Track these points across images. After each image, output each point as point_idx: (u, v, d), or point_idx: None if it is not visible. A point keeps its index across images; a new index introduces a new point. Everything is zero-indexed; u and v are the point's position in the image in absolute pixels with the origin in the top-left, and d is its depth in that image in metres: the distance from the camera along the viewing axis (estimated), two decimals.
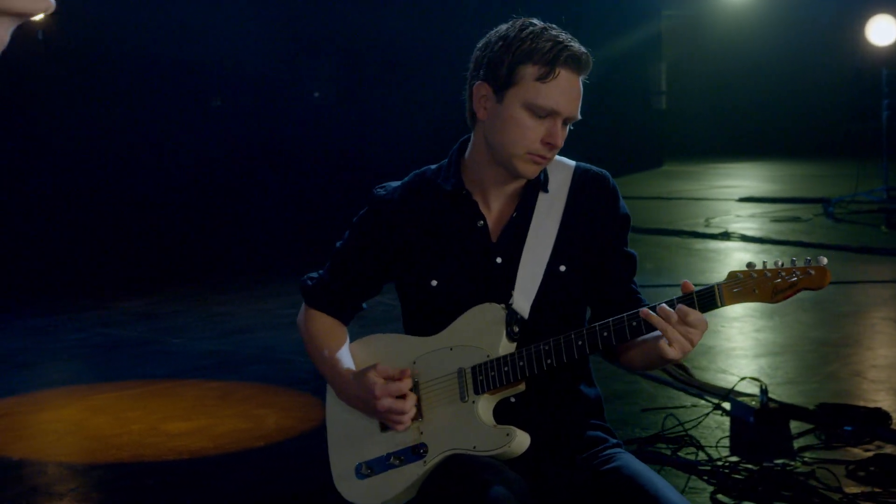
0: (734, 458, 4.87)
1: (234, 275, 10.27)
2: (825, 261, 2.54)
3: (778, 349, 6.93)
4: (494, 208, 2.87)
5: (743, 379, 5.54)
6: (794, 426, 5.17)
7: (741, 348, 6.96)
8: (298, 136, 13.01)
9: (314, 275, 3.03)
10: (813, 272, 2.52)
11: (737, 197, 15.12)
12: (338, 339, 2.94)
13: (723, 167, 20.40)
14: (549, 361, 2.66)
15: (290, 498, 4.70)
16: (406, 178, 2.97)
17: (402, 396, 2.75)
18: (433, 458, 2.73)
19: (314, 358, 2.96)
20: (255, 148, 12.81)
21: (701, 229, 11.99)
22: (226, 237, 11.70)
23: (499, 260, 2.82)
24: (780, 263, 2.56)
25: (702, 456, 4.92)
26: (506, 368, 2.69)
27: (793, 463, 4.84)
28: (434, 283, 2.83)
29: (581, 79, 2.77)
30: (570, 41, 2.75)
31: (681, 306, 2.55)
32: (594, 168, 2.92)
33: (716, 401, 5.63)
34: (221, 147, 12.52)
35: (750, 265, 2.59)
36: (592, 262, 2.84)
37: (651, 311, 2.56)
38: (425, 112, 14.18)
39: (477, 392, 2.71)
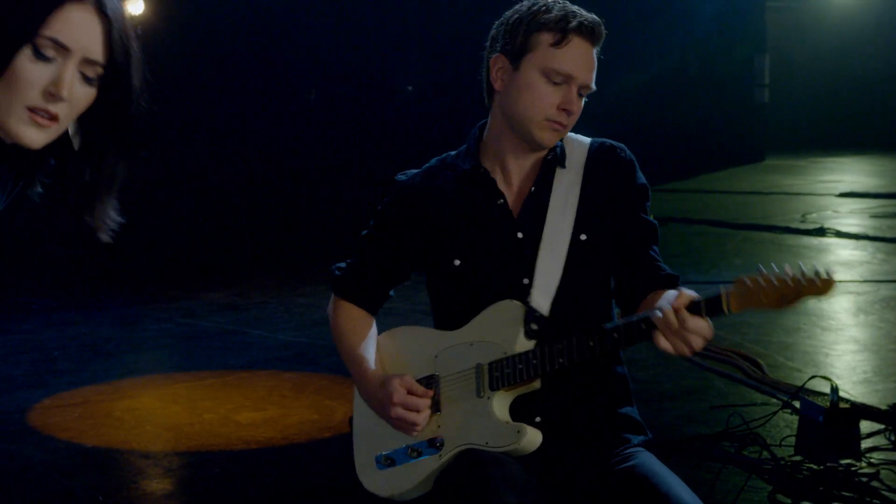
0: (797, 458, 4.81)
1: (321, 266, 10.36)
2: (833, 270, 2.52)
3: (858, 347, 6.81)
4: (514, 185, 2.91)
5: (813, 377, 5.45)
6: (866, 427, 5.09)
7: (822, 345, 6.85)
8: (391, 128, 13.09)
9: (342, 265, 3.08)
10: (818, 282, 2.50)
11: (837, 192, 14.85)
12: (365, 333, 2.99)
13: (826, 161, 20.05)
14: (561, 361, 2.67)
15: (350, 488, 4.74)
16: (427, 164, 3.03)
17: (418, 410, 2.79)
18: (448, 452, 2.76)
19: (341, 350, 3.01)
20: (348, 140, 12.92)
21: (796, 225, 11.81)
22: (314, 228, 11.82)
23: (520, 235, 2.85)
24: (788, 271, 2.54)
25: (766, 454, 4.86)
26: (520, 366, 2.71)
27: (858, 464, 4.75)
28: (457, 262, 2.88)
29: (595, 51, 2.86)
30: (581, 12, 2.84)
31: (681, 314, 2.54)
32: (609, 140, 2.98)
33: (785, 398, 5.55)
34: (313, 139, 12.65)
35: (759, 271, 2.57)
36: (613, 231, 2.86)
37: (658, 314, 2.56)
38: None
39: (492, 388, 2.74)
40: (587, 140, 2.99)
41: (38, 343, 7.40)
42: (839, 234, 11.10)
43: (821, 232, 11.21)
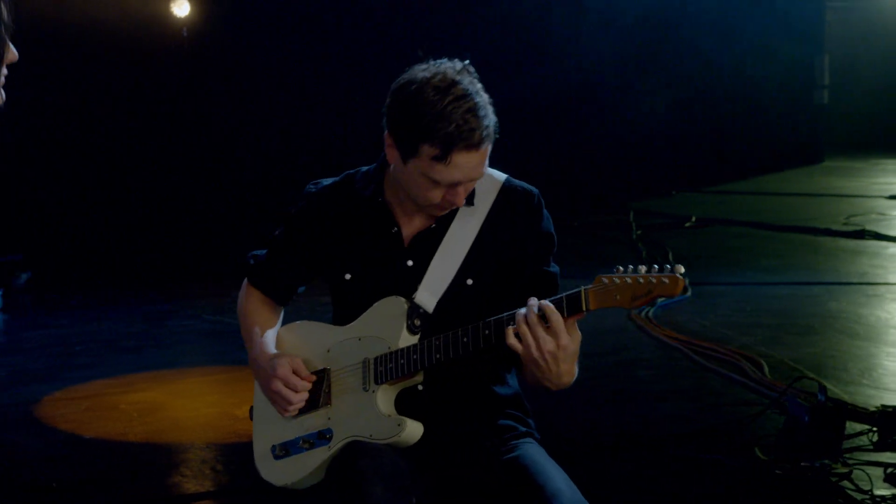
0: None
1: None
2: (682, 269, 2.57)
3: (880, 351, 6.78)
4: (413, 216, 2.96)
5: (800, 378, 5.45)
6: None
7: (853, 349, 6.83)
8: None
9: (259, 253, 3.20)
10: (667, 280, 2.56)
11: (888, 194, 14.66)
12: (268, 317, 3.12)
13: (887, 163, 19.77)
14: (438, 356, 2.74)
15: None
16: (338, 177, 3.12)
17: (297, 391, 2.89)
18: (337, 444, 2.86)
19: (244, 331, 3.14)
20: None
21: (837, 227, 11.70)
22: None
23: (410, 263, 2.93)
24: (641, 269, 2.59)
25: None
26: (402, 360, 2.79)
27: (835, 465, 4.75)
28: (348, 276, 2.98)
29: (485, 149, 2.81)
30: (469, 119, 2.76)
31: (543, 304, 2.59)
32: (523, 184, 2.99)
33: (770, 399, 5.55)
34: (356, 143, 12.76)
35: (616, 270, 2.62)
36: (505, 278, 2.90)
37: (521, 310, 2.61)
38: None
39: (377, 382, 2.83)
40: (501, 178, 2.99)
41: (63, 338, 7.59)
42: (878, 237, 10.98)
43: (860, 234, 11.10)
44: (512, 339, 2.64)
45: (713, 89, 17.51)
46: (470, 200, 2.92)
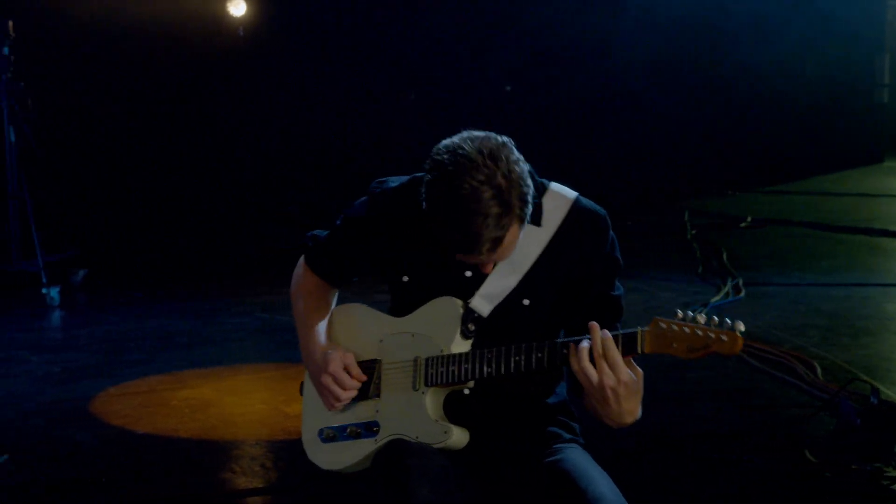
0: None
1: None
2: (742, 327, 2.53)
3: None
4: None
5: (853, 381, 5.40)
6: None
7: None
8: (487, 126, 13.14)
9: (319, 234, 3.19)
10: (725, 338, 2.52)
11: None
12: (322, 301, 3.14)
13: None
14: (488, 370, 2.74)
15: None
16: (404, 180, 3.07)
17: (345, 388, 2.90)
18: (383, 438, 2.87)
19: (295, 312, 3.15)
20: (441, 138, 13.01)
21: (894, 227, 11.56)
22: None
23: (468, 274, 2.91)
24: (700, 319, 2.55)
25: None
26: (453, 367, 2.80)
27: (887, 468, 4.70)
28: (405, 279, 2.98)
29: (502, 245, 2.74)
30: (472, 234, 2.69)
31: (603, 337, 2.58)
32: (592, 205, 2.95)
33: (822, 401, 5.50)
34: (411, 137, 12.78)
35: (675, 314, 2.58)
36: (566, 300, 2.87)
37: (585, 342, 2.60)
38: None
39: (427, 384, 2.83)
40: (571, 196, 2.94)
41: (119, 334, 7.67)
42: None
43: None
44: (576, 369, 2.63)
45: (772, 89, 17.38)
46: (537, 220, 2.88)
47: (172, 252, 10.51)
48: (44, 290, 8.63)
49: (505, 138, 2.75)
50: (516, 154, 2.72)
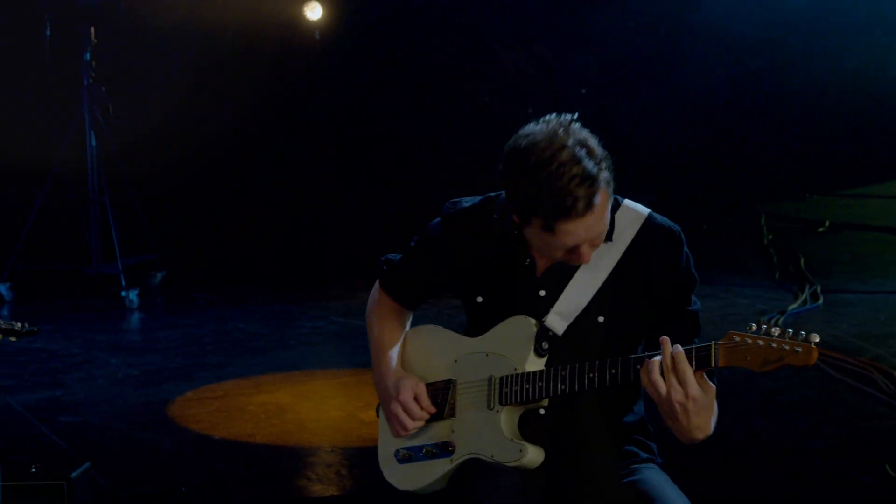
0: None
1: None
2: (816, 338, 2.52)
3: None
4: None
5: None
6: None
7: None
8: None
9: (392, 258, 3.22)
10: (800, 350, 2.52)
11: None
12: (396, 326, 3.14)
13: None
14: (562, 387, 2.74)
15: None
16: (476, 200, 3.09)
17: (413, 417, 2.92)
18: (459, 458, 2.88)
19: (370, 336, 3.18)
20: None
21: None
22: None
23: (542, 293, 2.92)
24: (774, 332, 2.55)
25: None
26: (528, 386, 2.80)
27: None
28: (479, 299, 2.99)
29: (596, 205, 2.74)
30: (572, 189, 2.72)
31: (675, 352, 2.57)
32: (665, 221, 2.94)
33: None
34: (487, 142, 12.79)
35: (749, 328, 2.58)
36: (640, 316, 2.86)
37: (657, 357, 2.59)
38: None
39: (502, 403, 2.84)
40: (643, 212, 2.94)
41: (196, 337, 7.75)
42: None
43: None
44: (645, 383, 2.63)
45: (847, 91, 17.16)
46: (609, 235, 2.89)
47: (249, 255, 10.60)
48: (123, 293, 8.75)
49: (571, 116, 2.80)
50: (586, 130, 2.79)
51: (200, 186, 11.47)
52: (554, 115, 2.82)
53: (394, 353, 3.09)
